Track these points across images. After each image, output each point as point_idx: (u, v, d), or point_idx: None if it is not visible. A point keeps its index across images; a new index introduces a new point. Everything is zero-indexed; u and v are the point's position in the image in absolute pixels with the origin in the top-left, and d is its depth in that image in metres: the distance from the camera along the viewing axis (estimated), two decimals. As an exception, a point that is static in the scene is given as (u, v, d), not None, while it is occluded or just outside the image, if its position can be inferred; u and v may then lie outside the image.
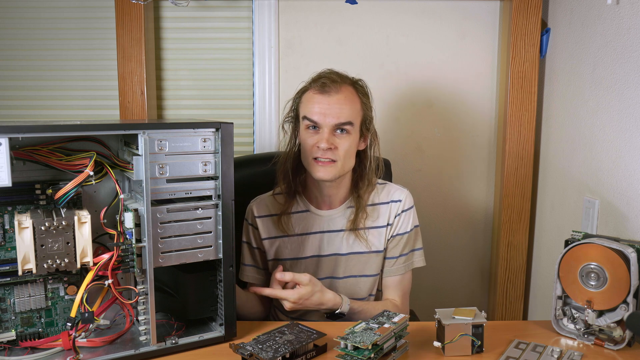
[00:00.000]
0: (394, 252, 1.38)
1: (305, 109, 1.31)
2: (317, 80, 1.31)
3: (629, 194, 1.31)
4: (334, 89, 1.28)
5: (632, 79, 1.30)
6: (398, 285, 1.39)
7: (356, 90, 1.33)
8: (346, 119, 1.28)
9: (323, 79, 1.30)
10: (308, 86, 1.34)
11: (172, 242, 1.02)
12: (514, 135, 1.87)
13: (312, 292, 1.21)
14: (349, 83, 1.33)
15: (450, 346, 1.02)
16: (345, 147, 1.29)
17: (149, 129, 0.97)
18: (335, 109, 1.27)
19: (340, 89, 1.29)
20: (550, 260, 1.79)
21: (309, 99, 1.31)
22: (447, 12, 1.94)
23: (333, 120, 1.27)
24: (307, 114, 1.30)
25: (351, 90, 1.32)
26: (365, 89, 1.36)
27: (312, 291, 1.21)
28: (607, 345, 1.08)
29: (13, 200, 1.00)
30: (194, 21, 1.95)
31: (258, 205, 1.42)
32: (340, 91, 1.29)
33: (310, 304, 1.22)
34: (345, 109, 1.28)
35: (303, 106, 1.33)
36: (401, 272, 1.39)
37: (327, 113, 1.27)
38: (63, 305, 1.06)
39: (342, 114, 1.28)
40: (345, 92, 1.30)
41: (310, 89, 1.32)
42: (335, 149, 1.28)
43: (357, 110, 1.32)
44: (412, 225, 1.40)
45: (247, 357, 0.96)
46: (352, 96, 1.31)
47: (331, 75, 1.32)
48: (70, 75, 1.95)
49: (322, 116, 1.28)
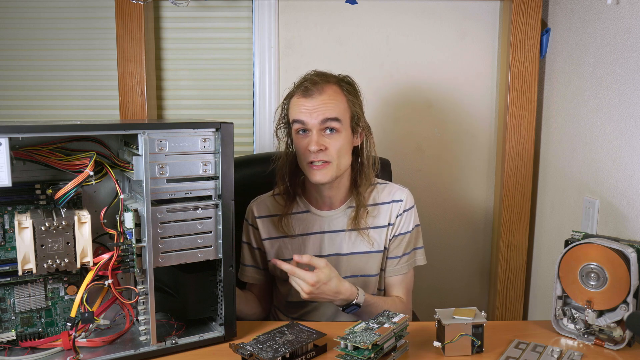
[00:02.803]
0: (397, 252, 1.39)
1: (292, 113, 1.32)
2: (300, 85, 1.32)
3: (629, 194, 1.31)
4: (317, 90, 1.29)
5: (632, 79, 1.30)
6: (402, 283, 1.40)
7: (341, 88, 1.33)
8: (331, 114, 1.28)
9: (305, 83, 1.31)
10: (293, 91, 1.34)
11: (172, 242, 1.02)
12: (514, 135, 1.87)
13: (330, 276, 1.17)
14: (333, 82, 1.33)
15: (450, 346, 1.02)
16: (336, 147, 1.29)
17: (149, 129, 0.97)
18: (320, 108, 1.28)
19: (323, 89, 1.29)
20: (550, 260, 1.79)
21: (294, 103, 1.32)
22: (447, 12, 1.94)
23: (319, 117, 1.27)
24: (295, 117, 1.31)
25: (335, 88, 1.32)
26: (351, 86, 1.36)
27: (329, 275, 1.17)
28: (607, 345, 1.08)
29: (13, 200, 1.00)
30: (194, 21, 1.95)
31: (258, 206, 1.42)
32: (324, 91, 1.29)
33: (329, 290, 1.17)
34: (329, 106, 1.28)
35: (291, 111, 1.34)
36: (404, 271, 1.39)
37: (312, 111, 1.28)
38: (63, 305, 1.06)
39: (327, 110, 1.28)
40: (329, 92, 1.30)
41: (295, 94, 1.33)
42: (326, 149, 1.28)
43: (343, 108, 1.31)
44: (414, 224, 1.40)
45: (247, 357, 0.96)
46: (336, 94, 1.31)
47: (313, 77, 1.32)
48: (70, 75, 1.95)
49: (308, 115, 1.28)
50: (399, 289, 1.40)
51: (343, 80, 1.36)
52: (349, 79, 1.37)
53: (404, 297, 1.39)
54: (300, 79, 1.35)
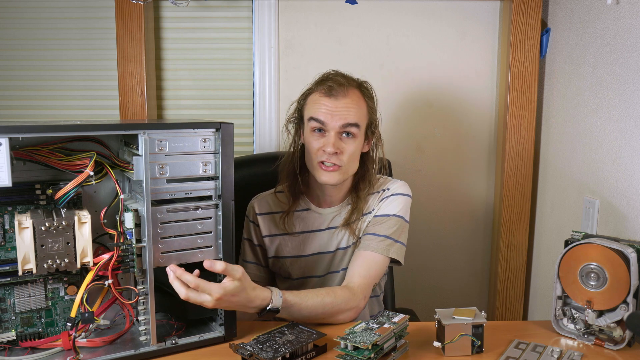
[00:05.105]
0: (374, 230, 1.31)
1: (311, 110, 1.30)
2: (323, 83, 1.30)
3: (629, 194, 1.31)
4: (341, 92, 1.27)
5: (632, 79, 1.30)
6: (365, 261, 1.27)
7: (362, 94, 1.32)
8: (353, 119, 1.27)
9: (329, 82, 1.28)
10: (314, 88, 1.32)
11: (172, 242, 1.02)
12: (514, 135, 1.87)
13: (241, 288, 1.02)
14: (355, 86, 1.32)
15: (450, 346, 1.02)
16: (350, 151, 1.28)
17: (149, 129, 0.97)
18: (342, 111, 1.27)
19: (347, 92, 1.28)
20: (550, 260, 1.79)
21: (315, 101, 1.30)
22: (447, 12, 1.94)
23: (340, 121, 1.26)
24: (314, 115, 1.28)
25: (357, 93, 1.31)
26: (370, 92, 1.35)
27: (240, 287, 1.01)
28: (607, 345, 1.08)
29: (13, 200, 1.00)
30: (194, 21, 1.95)
31: (259, 203, 1.42)
32: (348, 95, 1.28)
33: (237, 301, 1.03)
34: (352, 112, 1.27)
35: (309, 107, 1.32)
36: (375, 249, 1.28)
37: (335, 113, 1.26)
38: (63, 305, 1.06)
39: (349, 115, 1.27)
40: (352, 96, 1.29)
41: (316, 91, 1.31)
42: (340, 153, 1.27)
43: (363, 114, 1.31)
44: (398, 212, 1.33)
45: (247, 357, 0.97)
46: (359, 100, 1.31)
47: (337, 77, 1.30)
48: (70, 75, 1.95)
49: (330, 116, 1.26)
50: (359, 267, 1.26)
51: (363, 85, 1.35)
52: (368, 85, 1.36)
53: (359, 279, 1.24)
54: (322, 77, 1.33)
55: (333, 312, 1.15)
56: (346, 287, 1.22)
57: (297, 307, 1.11)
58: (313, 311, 1.13)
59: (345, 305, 1.17)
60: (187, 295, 0.98)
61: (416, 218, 1.70)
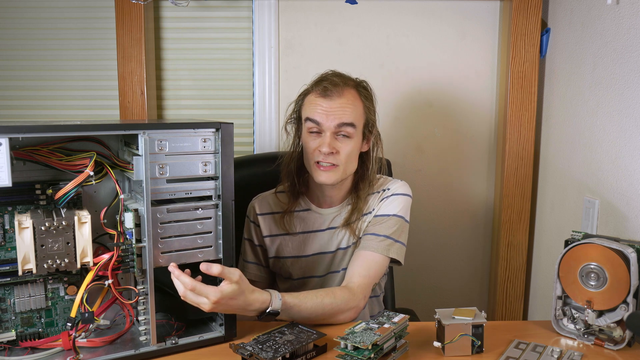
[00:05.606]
0: (374, 230, 1.31)
1: (307, 111, 1.31)
2: (319, 84, 1.30)
3: (629, 194, 1.31)
4: (336, 92, 1.28)
5: (632, 79, 1.30)
6: (365, 261, 1.27)
7: (359, 93, 1.32)
8: (348, 119, 1.27)
9: (325, 83, 1.29)
10: (310, 89, 1.33)
11: (172, 242, 1.02)
12: (514, 135, 1.87)
13: (239, 291, 1.01)
14: (352, 85, 1.32)
15: (450, 346, 1.02)
16: (347, 151, 1.28)
17: (149, 129, 0.97)
18: (337, 111, 1.27)
19: (343, 92, 1.28)
20: (550, 260, 1.79)
21: (310, 102, 1.31)
22: (447, 12, 1.94)
23: (335, 121, 1.26)
24: (310, 115, 1.29)
25: (354, 93, 1.31)
26: (368, 91, 1.35)
27: (238, 290, 1.01)
28: (607, 345, 1.08)
29: (13, 200, 1.00)
30: (194, 21, 1.95)
31: (260, 203, 1.42)
32: (343, 95, 1.28)
33: (236, 304, 1.02)
34: (347, 111, 1.28)
35: (305, 108, 1.32)
36: (375, 249, 1.28)
37: (330, 113, 1.27)
38: (63, 305, 1.06)
39: (344, 115, 1.27)
40: (348, 96, 1.29)
41: (312, 92, 1.31)
42: (337, 153, 1.27)
43: (359, 114, 1.31)
44: (398, 212, 1.33)
45: (247, 357, 0.97)
46: (355, 99, 1.30)
47: (333, 78, 1.30)
48: (70, 75, 1.95)
49: (325, 116, 1.27)
50: (359, 267, 1.26)
51: (361, 84, 1.35)
52: (366, 84, 1.36)
53: (358, 279, 1.24)
54: (319, 78, 1.33)
55: (333, 312, 1.15)
56: (346, 287, 1.22)
57: (297, 309, 1.11)
58: (313, 312, 1.13)
59: (344, 305, 1.17)
60: (185, 294, 0.99)
61: (416, 218, 1.70)
